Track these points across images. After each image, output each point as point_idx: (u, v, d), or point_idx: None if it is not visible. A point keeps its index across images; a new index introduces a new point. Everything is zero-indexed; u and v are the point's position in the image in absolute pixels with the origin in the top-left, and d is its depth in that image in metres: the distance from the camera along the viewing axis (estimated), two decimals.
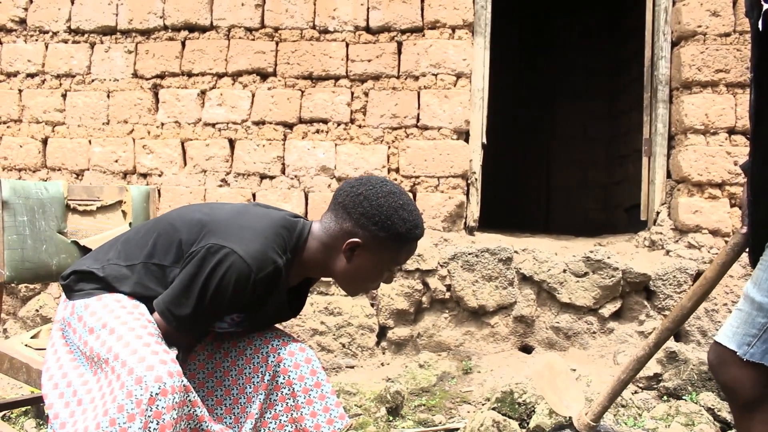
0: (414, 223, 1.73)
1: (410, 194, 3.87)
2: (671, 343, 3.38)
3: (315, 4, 4.02)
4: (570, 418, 2.63)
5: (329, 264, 1.79)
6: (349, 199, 1.72)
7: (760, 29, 1.63)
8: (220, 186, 4.05)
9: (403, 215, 1.71)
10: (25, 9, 4.40)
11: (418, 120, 3.90)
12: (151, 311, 1.69)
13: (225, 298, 1.62)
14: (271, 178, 4.02)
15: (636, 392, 3.28)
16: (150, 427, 1.44)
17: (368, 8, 3.96)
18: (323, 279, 3.79)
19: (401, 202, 1.72)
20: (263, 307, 1.78)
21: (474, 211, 3.94)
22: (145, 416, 1.44)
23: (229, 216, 1.72)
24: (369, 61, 3.95)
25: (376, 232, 1.70)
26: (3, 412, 3.18)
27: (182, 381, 1.51)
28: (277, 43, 4.06)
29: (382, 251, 1.74)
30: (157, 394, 1.45)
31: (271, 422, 1.80)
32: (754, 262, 1.82)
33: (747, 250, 1.90)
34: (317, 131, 3.99)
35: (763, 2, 1.60)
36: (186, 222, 1.73)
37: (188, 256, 1.64)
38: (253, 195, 4.01)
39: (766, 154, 1.72)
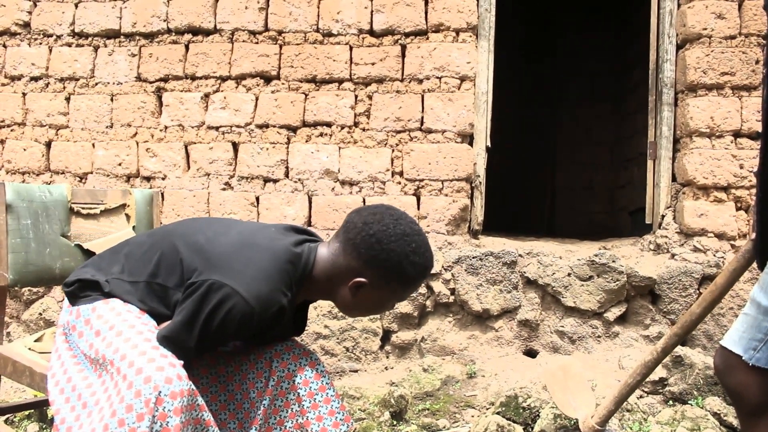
0: (424, 266, 1.71)
1: (415, 197, 3.87)
2: (677, 348, 3.36)
3: (319, 8, 4.02)
4: (575, 421, 2.62)
5: (333, 293, 1.77)
6: (360, 238, 1.68)
7: None
8: (224, 189, 4.05)
9: (413, 260, 1.68)
10: (29, 12, 4.40)
11: (422, 123, 3.89)
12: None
13: (227, 335, 1.61)
14: (275, 181, 4.01)
15: (641, 397, 3.26)
16: (154, 428, 1.44)
17: (372, 11, 3.96)
18: None
19: (413, 246, 1.68)
20: (267, 335, 1.80)
21: (478, 214, 3.93)
22: (153, 415, 1.44)
23: (232, 247, 1.67)
24: (373, 64, 3.94)
25: (384, 275, 1.68)
26: (6, 416, 3.18)
27: (190, 384, 1.51)
28: (280, 47, 4.05)
29: (388, 291, 1.73)
30: (166, 395, 1.45)
31: (275, 428, 1.79)
32: (762, 263, 1.81)
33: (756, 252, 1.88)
34: (321, 135, 3.98)
35: None
36: (189, 245, 1.70)
37: (189, 286, 1.62)
38: (257, 199, 4.01)
39: None
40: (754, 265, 3.37)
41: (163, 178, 4.14)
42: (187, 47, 4.17)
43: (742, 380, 1.77)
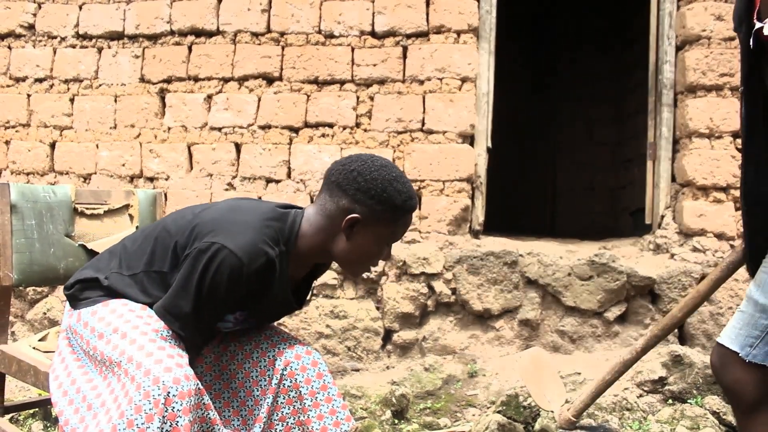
0: (408, 194, 1.73)
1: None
2: (676, 347, 3.38)
3: (321, 9, 4.04)
4: (576, 421, 2.64)
5: (328, 245, 1.77)
6: (343, 176, 1.71)
7: (751, 46, 1.64)
8: (227, 190, 4.07)
9: (397, 187, 1.70)
10: (34, 15, 4.43)
11: (423, 124, 3.91)
12: None
13: (220, 293, 1.61)
14: (277, 182, 4.03)
15: (641, 395, 3.27)
16: (164, 429, 1.45)
17: (374, 13, 3.98)
18: (328, 284, 3.80)
19: (394, 174, 1.72)
20: (265, 302, 1.78)
21: (479, 214, 3.95)
22: (163, 416, 1.45)
23: (217, 213, 1.72)
24: (374, 65, 3.96)
25: (374, 205, 1.69)
26: (11, 415, 3.20)
27: (197, 384, 1.53)
28: (283, 48, 4.07)
29: (381, 225, 1.73)
30: (175, 395, 1.47)
31: (278, 425, 1.80)
32: (752, 271, 1.83)
33: (745, 261, 1.91)
34: (323, 135, 4.00)
35: (755, 21, 1.60)
36: (179, 226, 1.73)
37: (183, 259, 1.65)
38: (259, 199, 4.02)
39: (758, 165, 1.73)
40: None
41: (166, 179, 4.16)
42: (190, 49, 4.19)
43: (738, 377, 1.78)
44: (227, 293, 1.63)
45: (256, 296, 1.74)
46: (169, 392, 1.46)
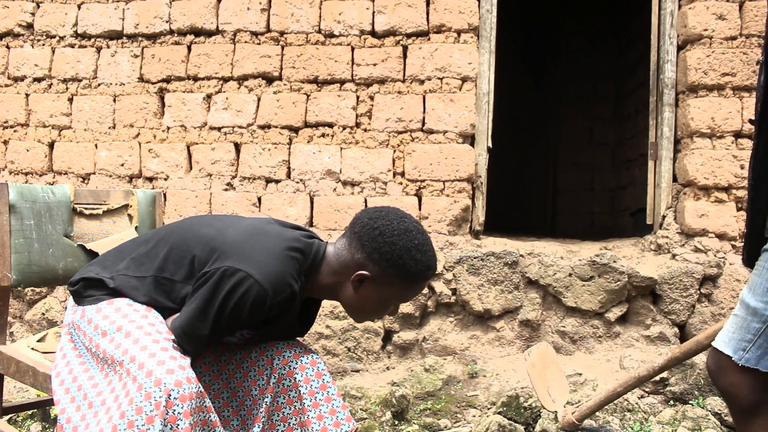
0: (426, 265, 1.73)
1: (416, 198, 3.87)
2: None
3: (320, 9, 4.03)
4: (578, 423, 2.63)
5: (337, 290, 1.79)
6: (365, 231, 1.71)
7: None
8: (226, 190, 4.06)
9: (415, 256, 1.70)
10: (33, 14, 4.42)
11: (423, 124, 3.90)
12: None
13: (240, 320, 1.62)
14: (277, 182, 4.02)
15: (642, 396, 3.27)
16: (165, 431, 1.44)
17: (374, 12, 3.97)
18: None
19: (416, 242, 1.71)
20: (275, 326, 1.80)
21: (479, 215, 3.94)
22: (164, 418, 1.44)
23: (243, 236, 1.70)
24: (374, 65, 3.95)
25: (387, 268, 1.70)
26: (9, 416, 3.19)
27: (199, 387, 1.52)
28: (282, 48, 4.06)
29: (390, 287, 1.74)
30: (176, 398, 1.46)
31: (279, 425, 1.80)
32: (748, 256, 1.82)
33: (742, 248, 1.90)
34: (323, 135, 3.99)
35: None
36: (198, 238, 1.72)
37: (201, 276, 1.63)
38: (259, 199, 4.02)
39: None
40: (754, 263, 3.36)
41: (165, 179, 4.15)
42: (189, 48, 4.18)
43: (733, 381, 1.78)
44: (246, 320, 1.63)
45: (270, 321, 1.76)
46: (170, 394, 1.46)
